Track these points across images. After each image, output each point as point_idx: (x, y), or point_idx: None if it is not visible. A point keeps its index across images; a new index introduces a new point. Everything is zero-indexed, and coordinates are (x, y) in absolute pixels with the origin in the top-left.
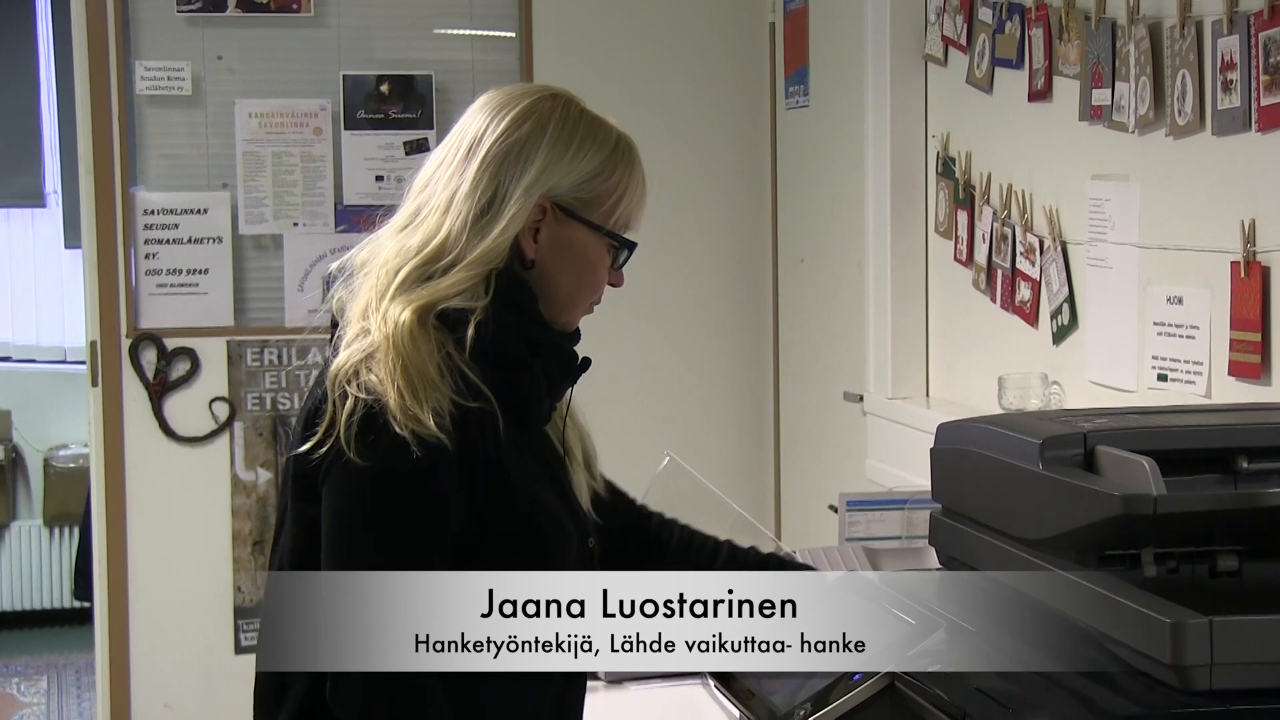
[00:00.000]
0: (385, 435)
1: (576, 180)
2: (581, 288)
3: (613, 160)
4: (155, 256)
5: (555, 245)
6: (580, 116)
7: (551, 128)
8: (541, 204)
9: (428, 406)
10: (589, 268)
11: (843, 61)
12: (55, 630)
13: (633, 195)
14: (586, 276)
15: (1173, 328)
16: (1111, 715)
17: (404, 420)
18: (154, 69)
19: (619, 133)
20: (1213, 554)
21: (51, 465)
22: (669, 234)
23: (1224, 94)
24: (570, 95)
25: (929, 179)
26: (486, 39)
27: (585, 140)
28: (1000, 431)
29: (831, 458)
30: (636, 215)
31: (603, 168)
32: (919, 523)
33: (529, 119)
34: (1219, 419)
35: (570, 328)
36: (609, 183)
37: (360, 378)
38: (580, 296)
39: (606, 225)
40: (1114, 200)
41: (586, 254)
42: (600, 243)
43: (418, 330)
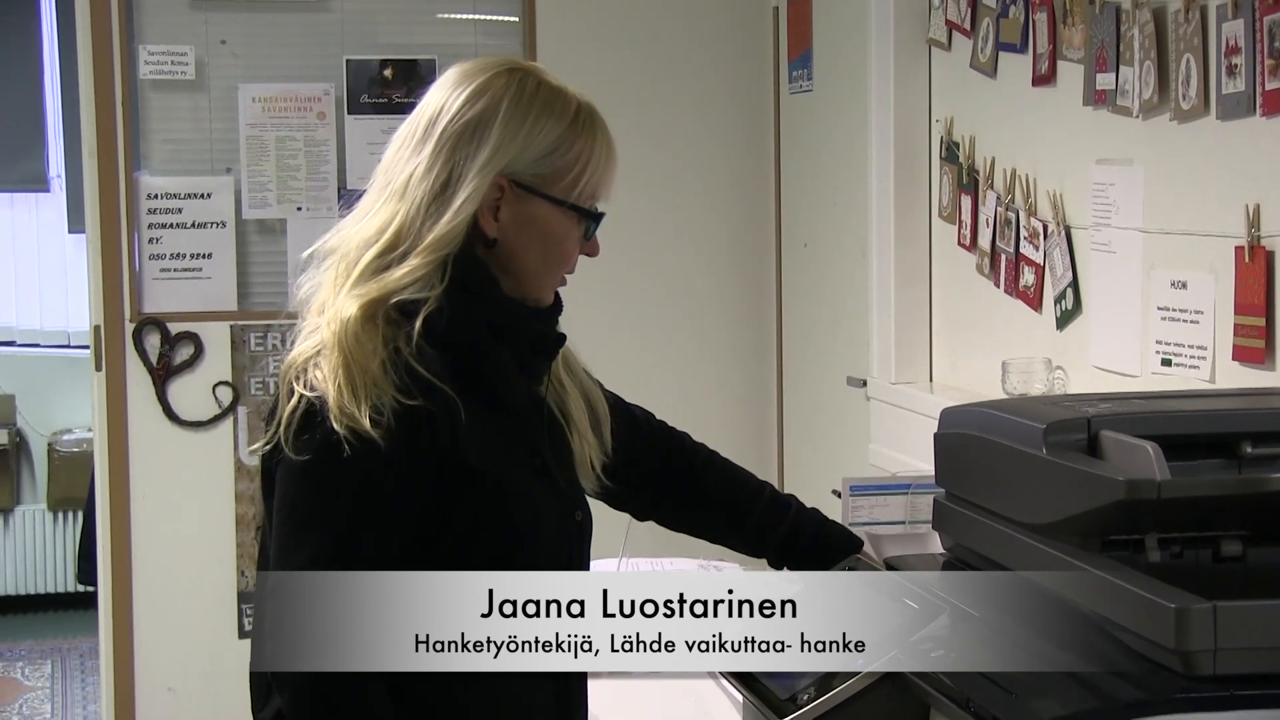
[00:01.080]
0: (319, 432)
1: (534, 156)
2: (548, 263)
3: (572, 132)
4: (159, 241)
5: (518, 222)
6: (537, 90)
7: (506, 104)
8: (498, 182)
9: (366, 404)
10: (554, 243)
11: (846, 46)
12: (59, 614)
13: (597, 166)
14: (553, 251)
15: (1177, 312)
16: (1115, 700)
17: (340, 417)
18: (157, 53)
19: (579, 103)
20: (1216, 539)
21: (55, 450)
22: (672, 219)
23: (1229, 78)
24: (530, 68)
25: (933, 163)
26: (489, 23)
27: (541, 114)
28: (1004, 416)
29: (835, 442)
30: (605, 185)
31: (561, 141)
32: (923, 507)
33: (483, 96)
34: (1223, 404)
35: (543, 303)
36: (569, 156)
37: (307, 374)
38: (548, 271)
39: (569, 199)
40: (1118, 185)
41: (550, 229)
42: (565, 216)
43: (363, 326)
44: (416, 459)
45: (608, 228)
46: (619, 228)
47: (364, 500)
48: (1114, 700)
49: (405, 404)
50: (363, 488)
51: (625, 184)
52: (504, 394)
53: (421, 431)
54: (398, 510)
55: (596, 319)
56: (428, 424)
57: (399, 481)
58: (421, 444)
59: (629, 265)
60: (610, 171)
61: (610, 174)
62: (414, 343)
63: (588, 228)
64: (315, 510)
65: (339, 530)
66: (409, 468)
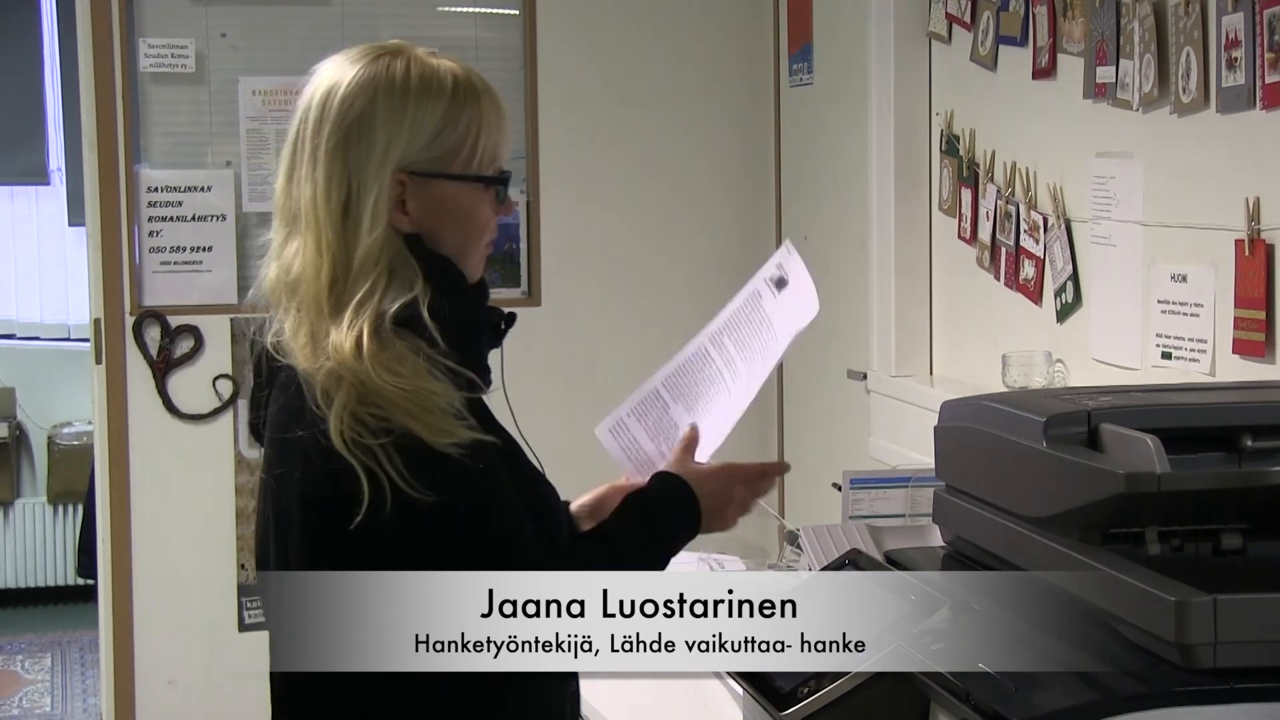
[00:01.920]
0: (437, 465)
1: (424, 141)
2: (469, 238)
3: (456, 107)
4: (159, 234)
5: (427, 209)
6: (408, 74)
7: (381, 98)
8: (398, 179)
9: (445, 414)
10: (468, 218)
11: (847, 39)
12: (59, 607)
13: (489, 131)
14: (469, 226)
15: (1177, 305)
16: (1115, 693)
17: (439, 442)
18: (158, 46)
19: (455, 74)
20: (1217, 532)
21: (55, 443)
22: (672, 212)
23: (1229, 71)
24: (397, 51)
25: (933, 156)
26: (490, 16)
27: (420, 98)
28: (1004, 409)
29: (835, 435)
30: (503, 145)
31: (447, 119)
32: (923, 500)
33: (359, 96)
34: (1223, 397)
35: (474, 279)
36: (459, 131)
37: (368, 427)
38: (471, 246)
39: (471, 172)
40: (1118, 178)
41: (461, 207)
42: (472, 190)
43: (384, 352)
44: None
45: (607, 223)
46: (618, 220)
47: (509, 493)
48: (1114, 693)
49: (465, 398)
50: (499, 482)
51: (625, 177)
52: (485, 375)
53: (485, 418)
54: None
55: (595, 311)
56: (483, 412)
57: (501, 456)
58: (491, 425)
59: (629, 258)
60: (503, 130)
61: (504, 133)
62: (439, 345)
63: (497, 192)
64: (489, 529)
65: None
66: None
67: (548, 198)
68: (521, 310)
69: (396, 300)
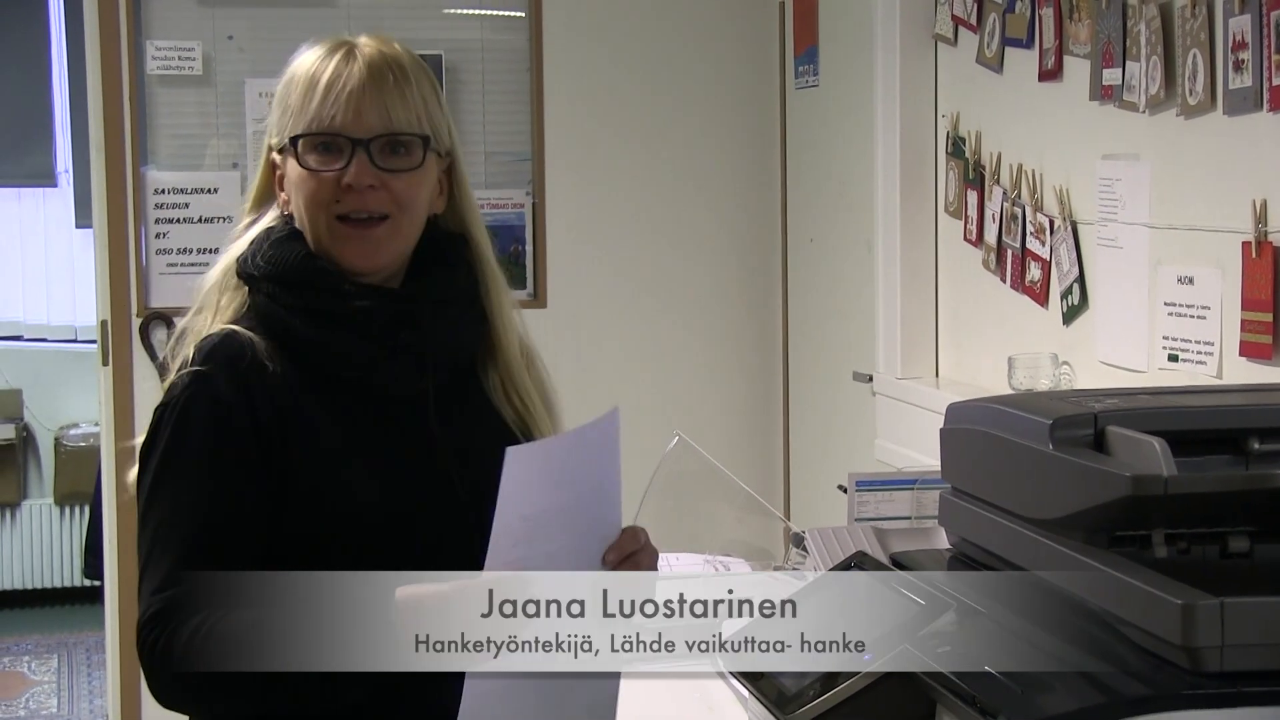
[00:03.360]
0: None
1: (275, 118)
2: (303, 210)
3: (284, 90)
4: (166, 236)
5: (288, 186)
6: (294, 61)
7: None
8: (270, 157)
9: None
10: (296, 187)
11: (852, 41)
12: (66, 609)
13: (288, 98)
14: (298, 195)
15: (1183, 308)
16: (1121, 696)
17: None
18: (164, 49)
19: (312, 53)
20: (1224, 535)
21: (62, 444)
22: (677, 214)
23: (1235, 74)
24: (337, 43)
25: (939, 159)
26: (496, 18)
27: (284, 81)
28: (1010, 411)
29: (840, 438)
30: (310, 110)
31: (280, 99)
32: (928, 503)
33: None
34: (1230, 399)
35: (344, 262)
36: (284, 105)
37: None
38: (309, 217)
39: (282, 141)
40: (1124, 180)
41: (290, 177)
42: (285, 160)
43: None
44: None
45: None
46: (624, 222)
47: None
48: (1120, 696)
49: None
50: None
51: (630, 179)
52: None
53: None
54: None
55: (600, 313)
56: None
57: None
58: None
59: (634, 260)
60: (311, 96)
61: (312, 98)
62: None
63: (299, 155)
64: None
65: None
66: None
67: (553, 200)
68: (527, 313)
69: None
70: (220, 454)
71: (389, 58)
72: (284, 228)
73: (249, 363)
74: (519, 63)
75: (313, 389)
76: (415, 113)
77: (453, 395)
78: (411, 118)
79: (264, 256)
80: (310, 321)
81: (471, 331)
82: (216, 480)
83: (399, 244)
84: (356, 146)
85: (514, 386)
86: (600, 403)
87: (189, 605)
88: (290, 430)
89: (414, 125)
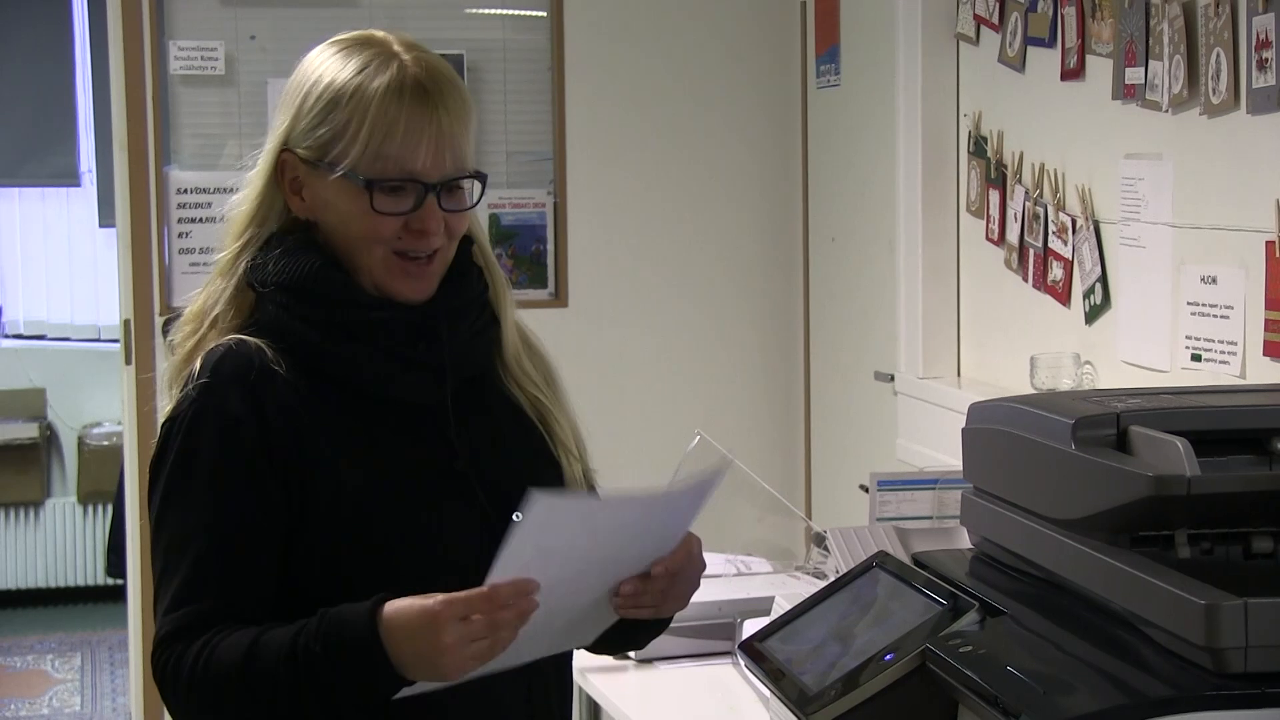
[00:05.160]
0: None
1: (307, 126)
2: (350, 239)
3: (343, 98)
4: (188, 235)
5: (315, 198)
6: (325, 59)
7: (296, 78)
8: (282, 156)
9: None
10: (344, 217)
11: (874, 40)
12: (89, 607)
13: (376, 132)
14: (348, 226)
15: (1206, 307)
16: (1144, 697)
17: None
18: (187, 49)
19: (366, 66)
20: (1247, 535)
21: (85, 443)
22: (699, 214)
23: (1259, 72)
24: (347, 38)
25: (960, 158)
26: (517, 18)
27: (318, 84)
28: (1032, 411)
29: (862, 437)
30: (395, 149)
31: (332, 108)
32: (950, 502)
33: (294, 74)
34: (1253, 399)
35: (392, 292)
36: (338, 124)
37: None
38: (354, 249)
39: (345, 168)
40: (1147, 179)
41: (336, 202)
42: (342, 186)
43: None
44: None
45: (634, 224)
46: (645, 222)
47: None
48: (1143, 697)
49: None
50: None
51: (652, 179)
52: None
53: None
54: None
55: (622, 313)
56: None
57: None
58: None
59: (656, 260)
60: (391, 139)
61: (391, 140)
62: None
63: (372, 198)
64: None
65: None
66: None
67: (575, 199)
68: (548, 312)
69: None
70: (229, 469)
71: (454, 87)
72: (298, 237)
73: (258, 372)
74: (540, 62)
75: (324, 397)
76: (473, 148)
77: (467, 397)
78: (471, 154)
79: (276, 266)
80: (326, 334)
81: (485, 338)
82: (225, 496)
83: (444, 270)
84: (428, 191)
85: (521, 372)
86: (621, 403)
87: (197, 626)
88: (302, 438)
89: (473, 162)
